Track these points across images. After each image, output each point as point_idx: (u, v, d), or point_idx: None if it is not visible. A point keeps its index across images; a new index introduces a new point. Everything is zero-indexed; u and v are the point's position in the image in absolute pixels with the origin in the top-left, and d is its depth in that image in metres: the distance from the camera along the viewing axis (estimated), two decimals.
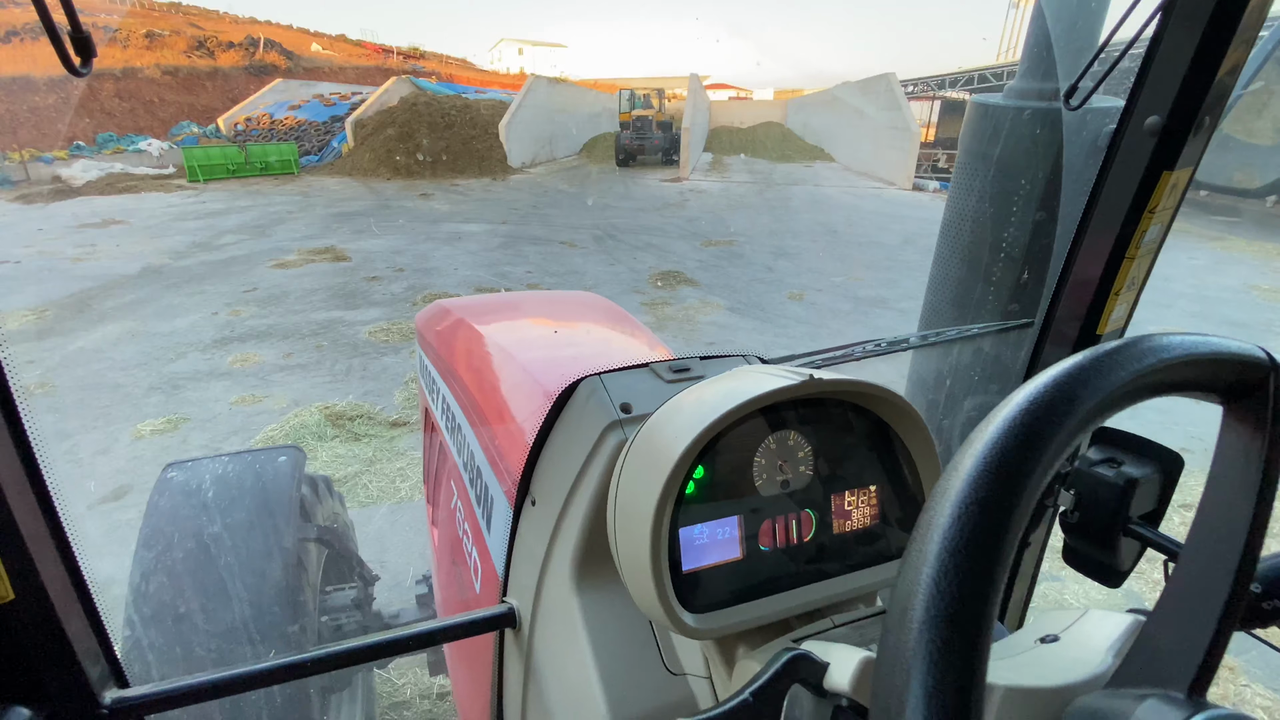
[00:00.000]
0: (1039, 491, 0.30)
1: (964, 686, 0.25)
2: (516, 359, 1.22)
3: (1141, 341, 0.34)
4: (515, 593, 0.82)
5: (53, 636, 0.59)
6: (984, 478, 0.29)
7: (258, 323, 6.27)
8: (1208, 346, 0.35)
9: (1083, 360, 0.32)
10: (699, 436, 0.50)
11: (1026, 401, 0.31)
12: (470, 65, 55.58)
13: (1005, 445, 0.29)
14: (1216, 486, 0.35)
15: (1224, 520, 0.34)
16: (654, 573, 0.50)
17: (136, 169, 16.53)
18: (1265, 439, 0.34)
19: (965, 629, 0.26)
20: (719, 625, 0.52)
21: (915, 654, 0.25)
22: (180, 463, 1.87)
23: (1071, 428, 0.30)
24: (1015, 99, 1.08)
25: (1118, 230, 0.86)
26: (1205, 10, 0.72)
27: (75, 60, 0.43)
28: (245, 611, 1.52)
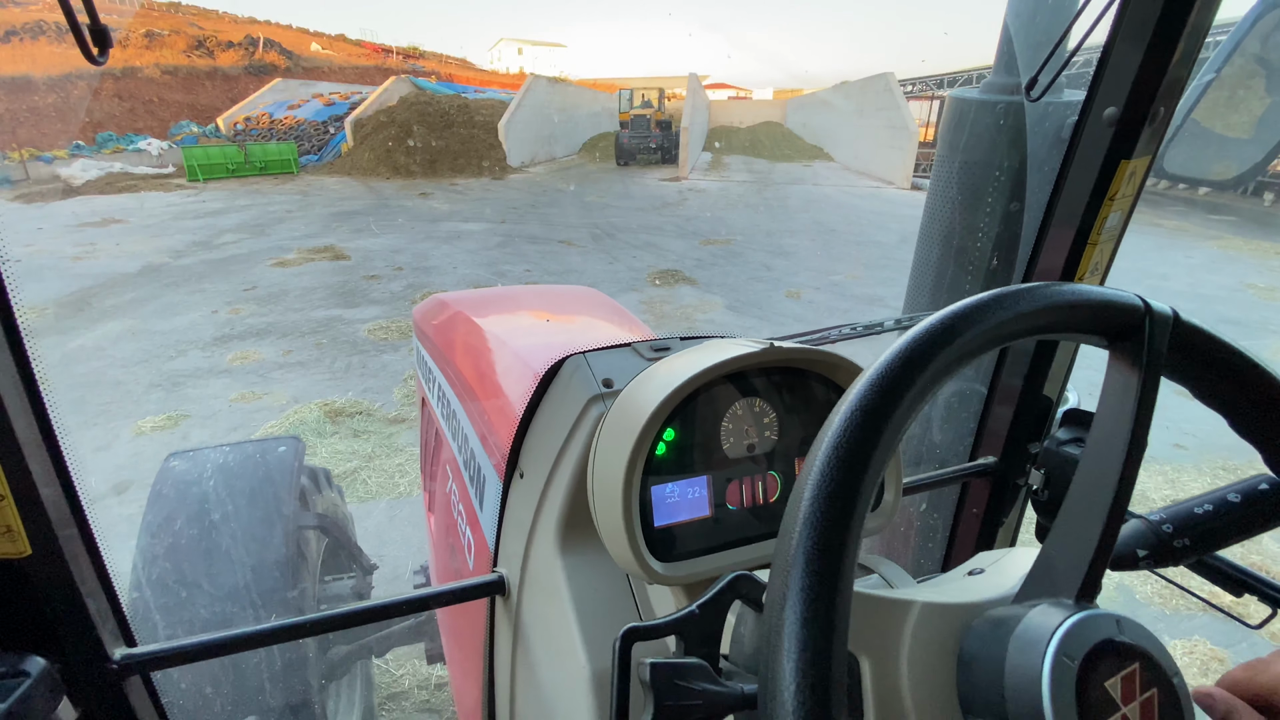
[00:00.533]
0: (920, 402, 0.34)
1: (830, 583, 0.28)
2: (509, 345, 1.26)
3: (1037, 289, 0.38)
4: (505, 562, 0.86)
5: (66, 593, 0.63)
6: (866, 393, 0.33)
7: (257, 321, 6.30)
8: (1093, 294, 0.39)
9: (985, 298, 0.37)
10: (668, 398, 0.54)
11: (920, 330, 0.35)
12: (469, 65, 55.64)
13: (890, 364, 0.34)
14: (1101, 422, 0.39)
15: (1107, 450, 0.38)
16: (626, 523, 0.54)
17: (136, 168, 16.56)
18: (1140, 377, 0.38)
19: (833, 531, 0.29)
20: (686, 573, 0.56)
21: (794, 560, 0.29)
22: (182, 452, 1.91)
23: (954, 355, 0.35)
24: (988, 94, 1.12)
25: (1080, 218, 0.90)
26: (1156, 7, 0.76)
27: (94, 50, 0.47)
28: (253, 598, 1.56)
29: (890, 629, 0.37)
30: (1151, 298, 0.40)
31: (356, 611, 0.79)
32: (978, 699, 0.36)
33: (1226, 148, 1.32)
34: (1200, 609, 2.88)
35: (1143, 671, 0.33)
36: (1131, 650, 0.33)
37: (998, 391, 1.12)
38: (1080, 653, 0.32)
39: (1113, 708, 0.32)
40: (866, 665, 0.37)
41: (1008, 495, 1.12)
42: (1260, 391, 0.41)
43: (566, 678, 0.67)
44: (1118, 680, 0.32)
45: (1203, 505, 0.48)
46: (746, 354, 0.57)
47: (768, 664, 0.28)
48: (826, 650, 0.27)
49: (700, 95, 25.91)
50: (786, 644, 0.28)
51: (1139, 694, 0.32)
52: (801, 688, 0.27)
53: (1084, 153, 0.87)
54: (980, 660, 0.36)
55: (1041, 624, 0.34)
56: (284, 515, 1.72)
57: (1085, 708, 0.31)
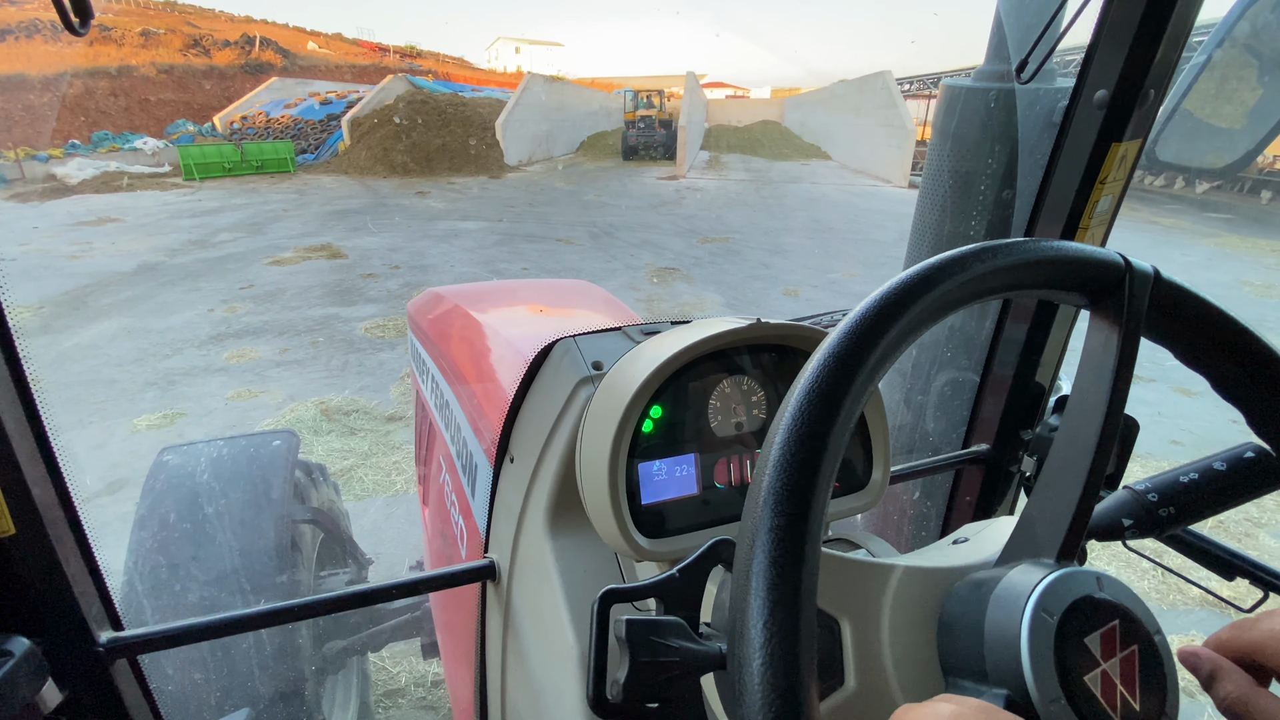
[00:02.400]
0: (895, 350, 0.33)
1: (796, 533, 0.28)
2: (501, 335, 1.26)
3: (1018, 243, 0.38)
4: (496, 548, 0.86)
5: (51, 574, 0.63)
6: (841, 340, 0.32)
7: (254, 319, 6.29)
8: (1073, 250, 0.39)
9: (964, 250, 0.36)
10: (653, 375, 0.54)
11: (899, 280, 0.35)
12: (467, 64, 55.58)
13: (866, 312, 0.34)
14: (1081, 384, 0.39)
15: (1087, 412, 0.38)
16: (612, 500, 0.54)
17: (132, 167, 16.50)
18: (1120, 336, 0.38)
19: (799, 498, 0.29)
20: (673, 549, 0.56)
21: (761, 510, 0.29)
22: (175, 446, 1.90)
23: (931, 305, 0.34)
24: (980, 81, 1.12)
25: (1071, 202, 0.90)
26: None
27: (75, 20, 0.47)
28: (243, 587, 1.56)
29: (872, 592, 0.37)
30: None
31: (346, 596, 0.79)
32: (958, 659, 0.36)
33: (1218, 136, 1.32)
34: (1198, 602, 2.89)
35: (1123, 628, 0.32)
36: (1112, 607, 0.33)
37: (990, 380, 1.12)
38: (1059, 608, 0.32)
39: (1092, 663, 0.31)
40: (847, 627, 0.36)
41: (1000, 482, 1.12)
42: (1243, 352, 0.40)
43: (555, 657, 0.66)
44: (1097, 636, 0.32)
45: (1188, 474, 0.48)
46: (732, 330, 0.56)
47: (734, 620, 0.28)
48: (793, 604, 0.27)
49: (698, 94, 25.92)
50: (753, 597, 0.27)
51: (1119, 650, 0.32)
52: (767, 644, 0.26)
53: (1075, 136, 0.87)
54: (960, 621, 0.36)
55: (1021, 582, 0.34)
56: (278, 509, 1.72)
57: (1064, 663, 0.31)
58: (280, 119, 21.87)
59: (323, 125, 21.03)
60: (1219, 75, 1.26)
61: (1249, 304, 7.48)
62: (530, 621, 0.75)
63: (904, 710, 0.28)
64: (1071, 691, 0.30)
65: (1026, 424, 1.09)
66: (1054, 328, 1.01)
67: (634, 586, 0.38)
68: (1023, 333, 1.04)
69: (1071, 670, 0.31)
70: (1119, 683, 0.31)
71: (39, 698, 0.62)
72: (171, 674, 1.32)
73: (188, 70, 26.79)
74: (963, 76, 1.24)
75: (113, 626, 0.72)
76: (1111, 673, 0.31)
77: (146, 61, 25.87)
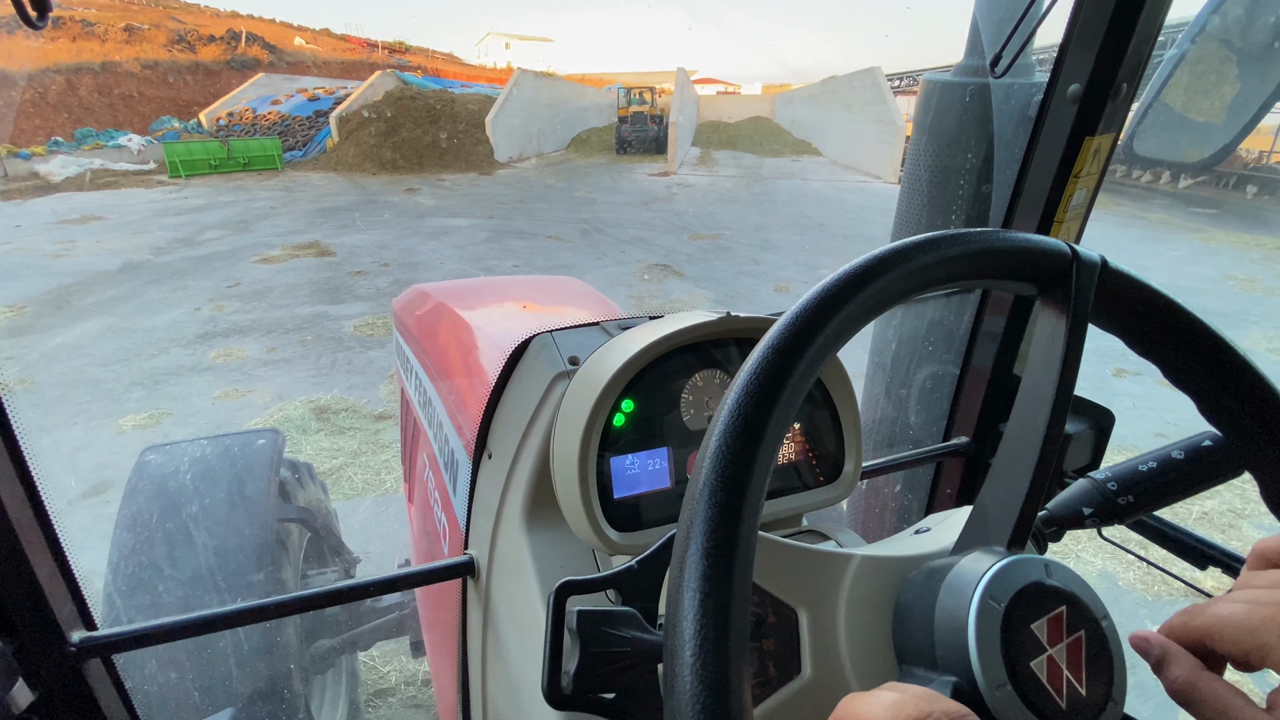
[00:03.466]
0: (835, 343, 0.33)
1: (730, 520, 0.28)
2: (484, 331, 1.25)
3: (965, 234, 0.38)
4: (475, 544, 0.86)
5: (20, 573, 0.62)
6: (781, 331, 0.32)
7: (241, 318, 6.23)
8: (1019, 240, 0.39)
9: (910, 241, 0.36)
10: (623, 368, 0.54)
11: (844, 271, 0.35)
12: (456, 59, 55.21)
13: (808, 304, 0.33)
14: (1031, 372, 0.39)
15: (1036, 400, 0.38)
16: (583, 494, 0.54)
17: (116, 165, 16.30)
18: (1067, 323, 0.38)
19: (732, 488, 0.28)
20: (642, 542, 0.56)
21: (695, 515, 0.28)
22: (158, 446, 1.88)
23: (873, 298, 0.34)
24: (958, 76, 1.12)
25: (1046, 196, 0.91)
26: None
27: (32, 13, 0.46)
28: (222, 589, 1.54)
29: (829, 582, 0.38)
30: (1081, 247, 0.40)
31: (326, 593, 0.78)
32: (911, 647, 0.36)
33: (1195, 130, 1.33)
34: (1182, 594, 2.92)
35: (1070, 614, 0.33)
36: (1059, 593, 0.33)
37: (970, 373, 1.13)
38: (1006, 595, 0.32)
39: (1039, 649, 0.32)
40: (804, 618, 0.37)
41: (980, 474, 1.13)
42: (1192, 339, 0.41)
43: (531, 652, 0.66)
44: (1044, 622, 0.32)
45: (1147, 463, 0.48)
46: (703, 323, 0.57)
47: (669, 611, 0.28)
48: (724, 593, 0.27)
49: (688, 90, 25.88)
50: (685, 588, 0.27)
51: (1065, 636, 0.32)
52: (697, 634, 0.26)
53: (1049, 130, 0.88)
54: (913, 609, 0.37)
55: (971, 570, 0.34)
56: (262, 508, 1.70)
57: (1011, 649, 0.31)
58: (267, 115, 21.64)
59: (310, 122, 20.83)
60: (1195, 69, 1.27)
61: (1234, 298, 7.56)
62: (508, 617, 0.75)
63: (849, 699, 0.29)
64: (1018, 677, 0.31)
65: (1005, 416, 1.10)
66: (1030, 320, 1.02)
67: (591, 579, 0.38)
68: (1001, 326, 1.05)
69: (1018, 656, 0.31)
70: (1065, 668, 0.31)
71: (9, 697, 0.61)
72: (152, 673, 1.31)
73: (173, 66, 26.45)
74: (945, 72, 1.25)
75: (85, 626, 0.71)
76: (1058, 658, 0.32)
77: (131, 57, 25.50)
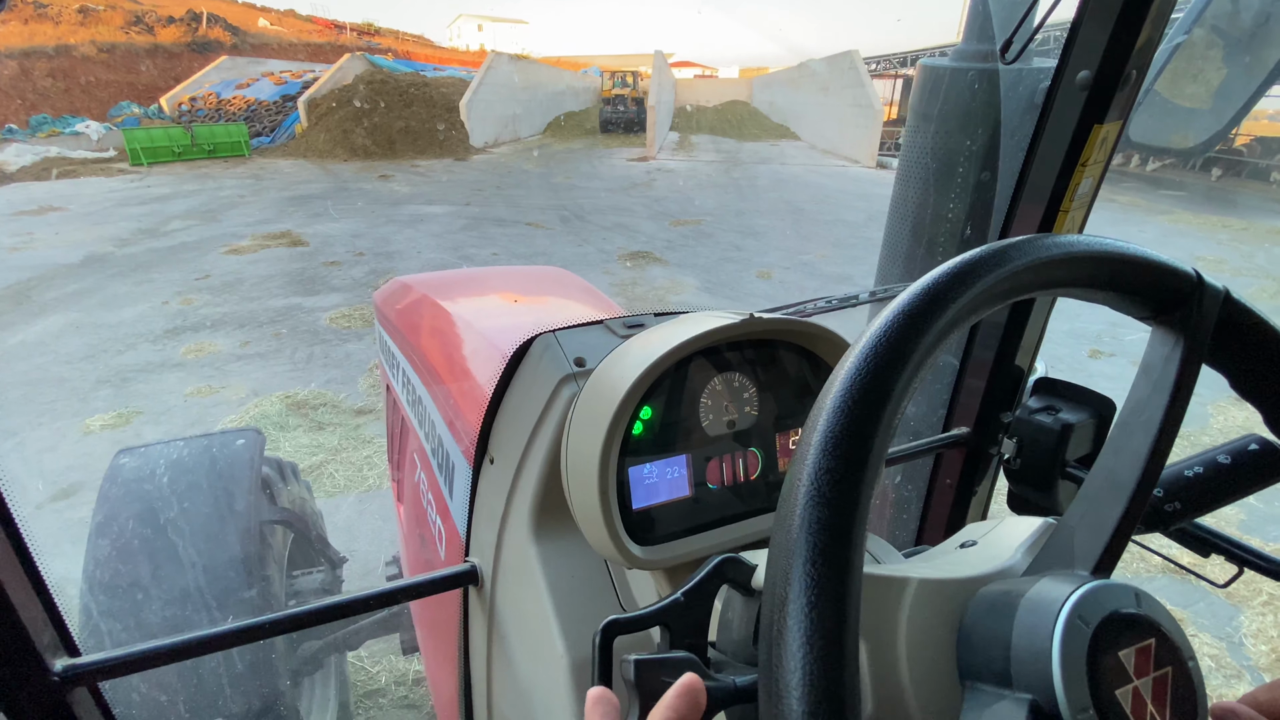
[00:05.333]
0: (945, 338, 0.31)
1: (840, 565, 0.26)
2: (475, 327, 1.21)
3: (1083, 239, 0.36)
4: (477, 551, 0.83)
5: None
6: (886, 329, 0.30)
7: (211, 311, 6.05)
8: (1144, 254, 0.37)
9: (1021, 240, 0.34)
10: (644, 374, 0.51)
11: (952, 266, 0.33)
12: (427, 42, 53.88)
13: (915, 298, 0.31)
14: (1136, 396, 0.38)
15: (1139, 427, 0.36)
16: (603, 507, 0.51)
17: (74, 153, 15.65)
18: (1183, 352, 0.37)
19: (839, 514, 0.27)
20: (666, 556, 0.54)
21: (798, 539, 0.26)
22: (132, 449, 1.81)
23: (979, 298, 0.32)
24: (960, 61, 1.10)
25: (1053, 184, 0.90)
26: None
27: None
28: (207, 600, 1.49)
29: (887, 608, 0.36)
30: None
31: (321, 609, 0.75)
32: (979, 663, 0.34)
33: (1187, 117, 1.34)
34: (1161, 570, 2.99)
35: (1159, 647, 0.31)
36: (1149, 624, 0.32)
37: (970, 363, 1.12)
38: (1095, 618, 0.31)
39: (1125, 678, 0.30)
40: (864, 648, 0.35)
41: (980, 465, 1.13)
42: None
43: (544, 668, 0.64)
44: (1132, 652, 0.31)
45: (1193, 468, 0.47)
46: (726, 326, 0.54)
47: (770, 657, 0.26)
48: (838, 641, 0.25)
49: (666, 73, 25.65)
50: (791, 634, 0.25)
51: (1153, 669, 0.31)
52: (812, 681, 0.24)
53: (1057, 118, 0.87)
54: (983, 627, 0.35)
55: (1055, 589, 0.32)
56: (244, 511, 1.65)
57: (1096, 674, 0.30)
58: (232, 100, 20.92)
59: (278, 107, 20.19)
60: (1191, 57, 1.27)
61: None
62: (516, 629, 0.72)
63: None
64: (1101, 703, 0.29)
65: (1006, 407, 1.10)
66: (1033, 313, 1.02)
67: (638, 616, 0.35)
68: (1002, 317, 1.04)
69: (1103, 682, 0.30)
70: (1150, 702, 0.30)
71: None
72: (140, 695, 1.26)
73: (130, 49, 25.38)
74: (937, 55, 1.23)
75: (68, 653, 0.67)
76: (1143, 691, 0.30)
77: (86, 40, 24.41)
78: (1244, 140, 17.67)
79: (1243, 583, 3.11)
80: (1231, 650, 2.57)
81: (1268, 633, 2.63)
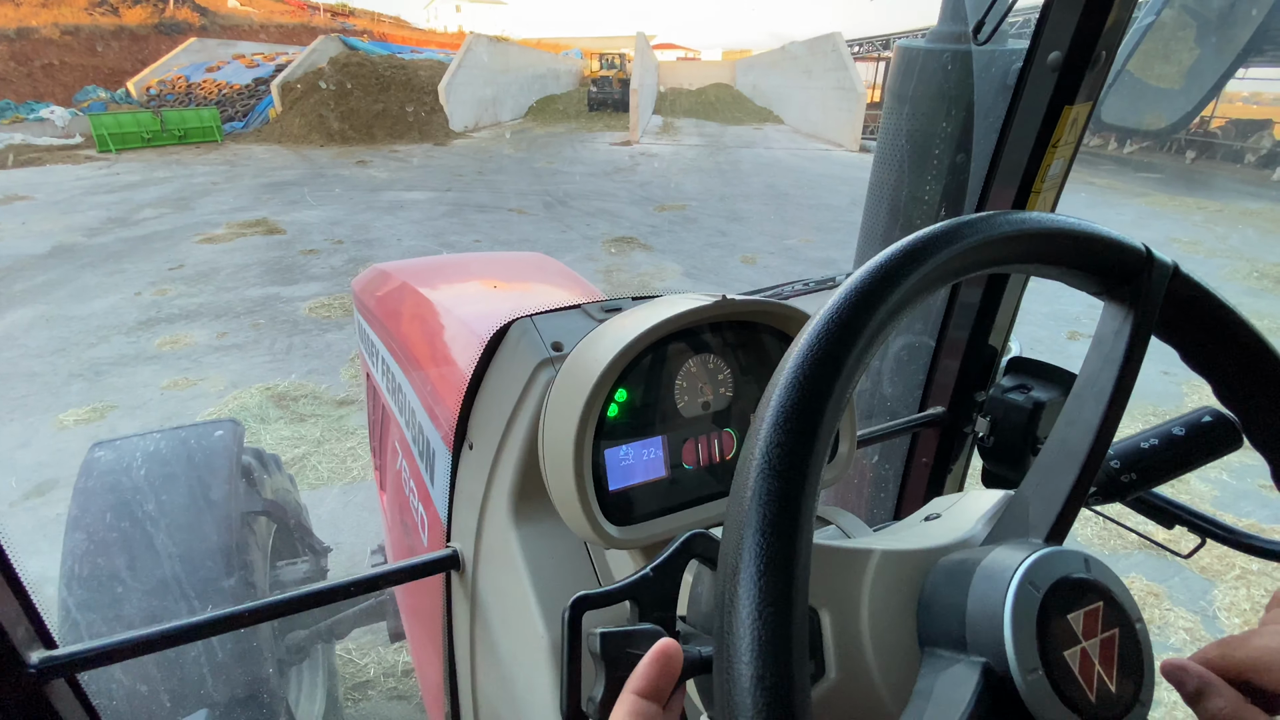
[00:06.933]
0: (898, 315, 0.32)
1: (788, 534, 0.27)
2: (454, 313, 1.20)
3: (1043, 215, 0.37)
4: (458, 536, 0.83)
5: None
6: (821, 336, 0.31)
7: (186, 302, 5.93)
8: (1095, 230, 0.38)
9: (975, 217, 0.35)
10: (617, 358, 0.52)
11: (905, 244, 0.33)
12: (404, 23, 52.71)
13: (864, 280, 0.32)
14: (1088, 369, 0.39)
15: (1090, 399, 0.37)
16: (578, 488, 0.52)
17: (39, 139, 15.16)
18: (1132, 325, 0.38)
19: (789, 484, 0.27)
20: (641, 536, 0.55)
21: (749, 510, 0.27)
22: (108, 441, 1.78)
23: (931, 276, 0.33)
24: (935, 43, 1.11)
25: (1024, 165, 0.91)
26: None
27: None
28: (186, 592, 1.48)
29: (850, 579, 0.37)
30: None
31: (302, 596, 0.75)
32: (937, 630, 0.36)
33: (1160, 98, 1.36)
34: (1137, 545, 3.08)
35: (1107, 610, 0.33)
36: (1097, 588, 0.33)
37: (945, 344, 1.14)
38: (1046, 583, 0.32)
39: (1073, 640, 0.32)
40: (827, 618, 0.36)
41: (955, 443, 1.15)
42: (1253, 361, 0.40)
43: (525, 649, 0.65)
44: (1080, 615, 0.32)
45: (1149, 440, 0.49)
46: (699, 308, 0.54)
47: (723, 624, 0.27)
48: (787, 607, 0.26)
49: (648, 56, 25.37)
50: (741, 602, 0.26)
51: (1100, 631, 0.32)
52: (760, 645, 0.25)
53: (1028, 99, 0.87)
54: (942, 594, 0.36)
55: (1008, 557, 0.34)
56: (224, 502, 1.63)
57: (1045, 636, 0.31)
58: (202, 84, 20.32)
59: (250, 90, 19.65)
60: (1162, 37, 1.28)
61: (1177, 260, 7.90)
62: (498, 611, 0.73)
63: None
64: (1050, 664, 0.31)
65: (980, 386, 1.12)
66: (1006, 292, 1.03)
67: (607, 591, 0.36)
68: (976, 297, 1.06)
69: (1052, 644, 0.31)
70: (1097, 662, 0.31)
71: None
72: (120, 686, 1.25)
73: (95, 31, 24.51)
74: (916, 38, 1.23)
75: (45, 645, 0.67)
76: (1091, 652, 0.31)
77: (48, 22, 23.52)
78: (1219, 123, 17.96)
79: (1216, 558, 3.20)
80: (1206, 623, 2.67)
81: (1240, 606, 2.73)
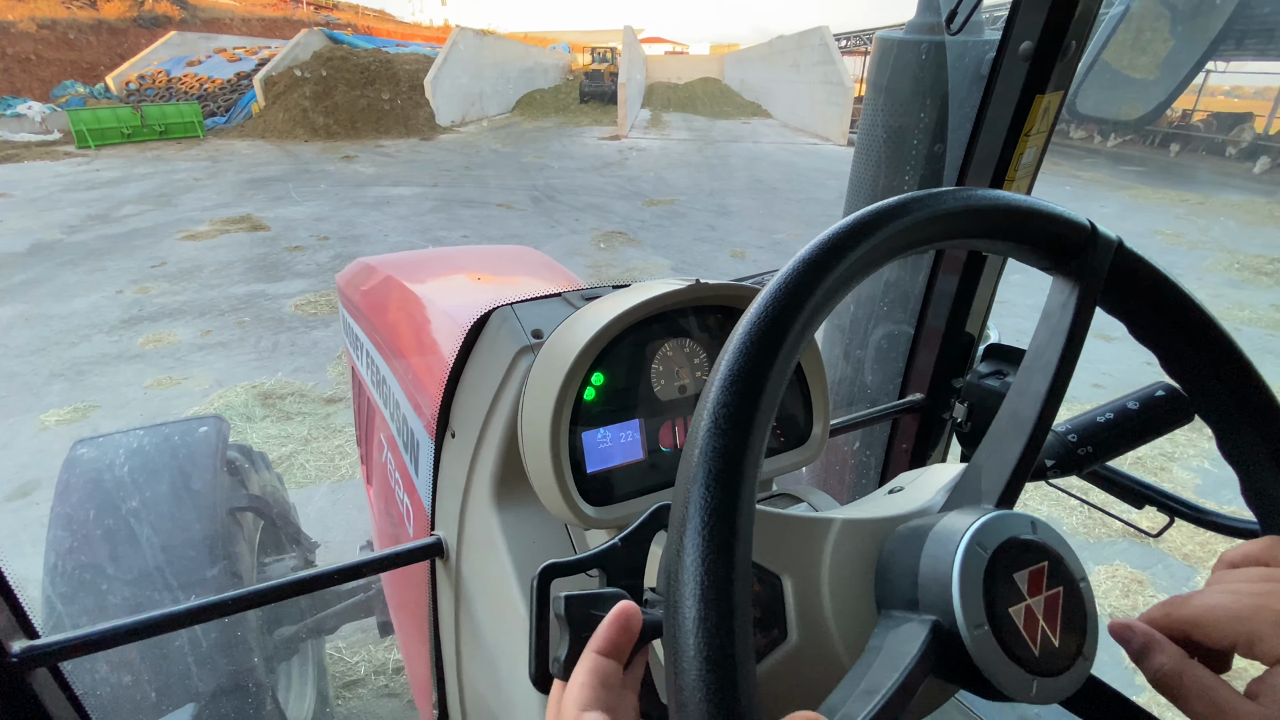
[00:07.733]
0: (832, 301, 0.33)
1: (732, 486, 0.28)
2: (437, 305, 1.21)
3: (990, 191, 0.38)
4: (442, 524, 0.84)
5: None
6: (768, 305, 0.32)
7: (169, 300, 5.86)
8: (1040, 206, 0.39)
9: (922, 193, 0.36)
10: (591, 342, 0.52)
11: (853, 219, 0.34)
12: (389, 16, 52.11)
13: (804, 261, 0.33)
14: (1036, 343, 0.40)
15: (1038, 370, 0.39)
16: (555, 470, 0.53)
17: (16, 135, 14.89)
18: (1077, 298, 0.39)
19: (733, 440, 0.28)
20: (618, 516, 0.56)
21: (696, 466, 0.28)
22: (91, 439, 1.77)
23: (891, 242, 0.34)
24: (911, 33, 1.12)
25: (998, 154, 0.92)
26: None
27: None
28: (171, 586, 1.47)
29: (812, 548, 0.38)
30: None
31: (286, 584, 0.75)
32: (892, 592, 0.37)
33: (1134, 88, 1.38)
34: (1121, 534, 3.13)
35: (1051, 569, 0.34)
36: (1042, 549, 0.34)
37: (924, 332, 1.15)
38: (993, 544, 0.33)
39: (1019, 597, 0.33)
40: (789, 584, 0.37)
41: (934, 429, 1.17)
42: (1196, 333, 0.41)
43: (507, 630, 0.66)
44: (1025, 574, 0.33)
45: (1104, 414, 0.50)
46: (672, 291, 0.55)
47: (669, 573, 0.28)
48: (729, 556, 0.27)
49: (637, 50, 25.29)
50: (687, 552, 0.27)
51: (1045, 589, 0.33)
52: (702, 594, 0.26)
53: (1001, 88, 0.89)
54: (898, 559, 0.37)
55: (959, 521, 0.35)
56: (208, 494, 1.63)
57: (992, 594, 0.32)
58: (183, 78, 20.00)
59: (232, 85, 19.38)
60: (1135, 28, 1.30)
61: (1160, 252, 8.02)
62: (481, 596, 0.74)
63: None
64: (996, 620, 0.32)
65: (958, 372, 1.13)
66: (982, 280, 1.05)
67: (575, 560, 0.37)
68: (954, 285, 1.08)
69: (998, 601, 0.32)
70: (1041, 618, 0.33)
71: None
72: (104, 676, 1.24)
73: (73, 24, 24.03)
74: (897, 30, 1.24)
75: (26, 635, 0.67)
76: (1036, 608, 0.33)
77: (24, 16, 23.02)
78: (1201, 116, 18.18)
79: (1198, 544, 3.24)
80: None
81: None
